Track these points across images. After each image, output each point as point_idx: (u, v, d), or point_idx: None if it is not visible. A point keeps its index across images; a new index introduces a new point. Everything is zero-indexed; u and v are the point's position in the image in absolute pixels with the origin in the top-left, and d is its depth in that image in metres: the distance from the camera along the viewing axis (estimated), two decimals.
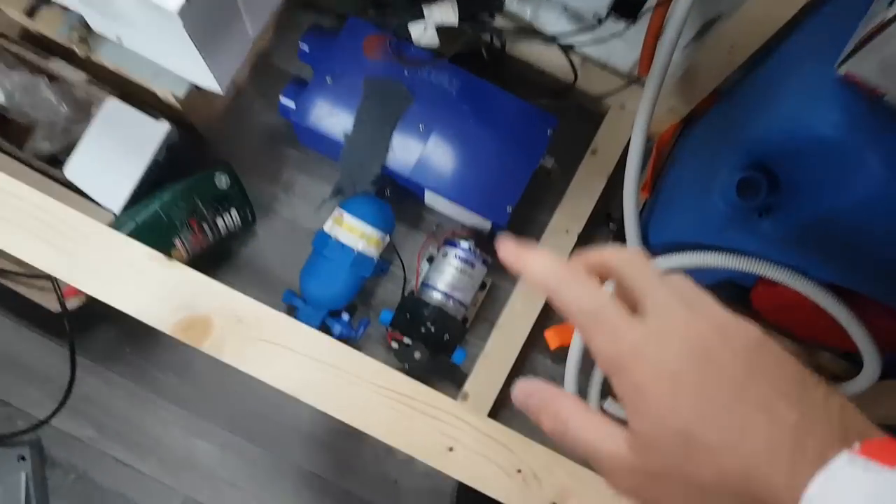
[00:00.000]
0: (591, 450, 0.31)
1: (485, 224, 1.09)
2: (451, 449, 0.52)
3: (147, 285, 0.53)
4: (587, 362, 1.11)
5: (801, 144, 0.77)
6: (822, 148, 0.75)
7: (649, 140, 1.07)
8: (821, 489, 0.26)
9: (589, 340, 0.31)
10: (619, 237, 1.13)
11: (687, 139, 1.10)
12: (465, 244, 1.07)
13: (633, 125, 0.99)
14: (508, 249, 0.36)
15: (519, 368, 1.12)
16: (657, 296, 0.31)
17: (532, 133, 1.06)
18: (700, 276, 1.14)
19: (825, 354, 1.12)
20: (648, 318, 0.30)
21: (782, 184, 0.85)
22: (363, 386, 0.52)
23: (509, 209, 1.05)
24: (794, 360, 0.29)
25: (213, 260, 1.11)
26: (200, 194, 1.04)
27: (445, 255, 1.08)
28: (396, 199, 1.09)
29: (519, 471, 0.52)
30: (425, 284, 1.08)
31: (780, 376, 0.28)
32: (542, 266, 0.35)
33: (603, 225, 1.16)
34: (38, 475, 1.04)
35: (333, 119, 1.04)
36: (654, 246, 1.08)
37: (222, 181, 1.06)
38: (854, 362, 1.11)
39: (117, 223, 0.99)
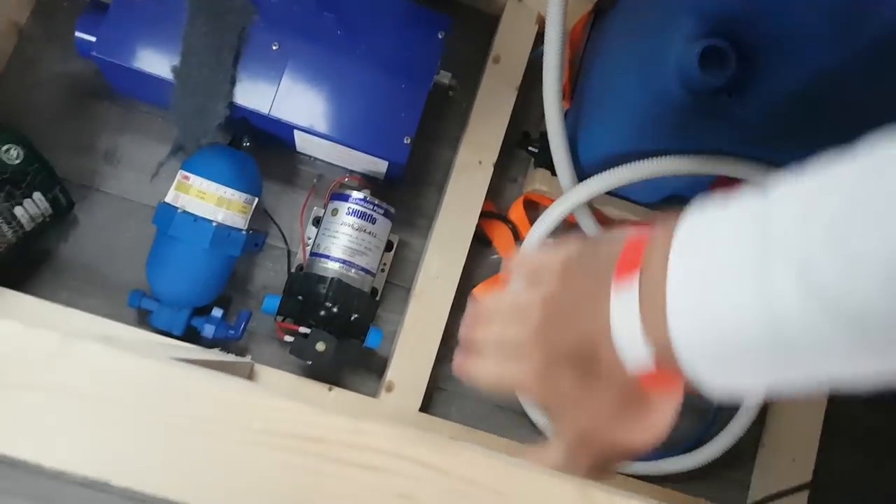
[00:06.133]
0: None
1: (379, 166, 0.85)
2: None
3: None
4: None
5: None
6: None
7: None
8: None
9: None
10: (543, 160, 0.93)
11: (607, 27, 0.91)
12: (357, 195, 0.84)
13: (547, 12, 0.78)
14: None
15: (448, 341, 0.90)
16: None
17: (420, 41, 0.83)
18: (641, 193, 0.96)
19: None
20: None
21: (757, 49, 0.66)
22: (227, 439, 0.29)
23: (408, 141, 0.82)
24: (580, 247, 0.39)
25: (25, 266, 0.82)
26: None
27: (335, 212, 0.84)
28: (259, 148, 0.83)
29: None
30: (316, 254, 0.84)
31: (586, 266, 0.38)
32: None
33: (520, 149, 0.95)
34: None
35: (152, 49, 0.76)
36: (586, 165, 0.88)
37: (12, 154, 0.77)
38: None
39: None
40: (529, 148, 0.93)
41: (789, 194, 0.29)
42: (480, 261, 0.95)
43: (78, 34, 0.77)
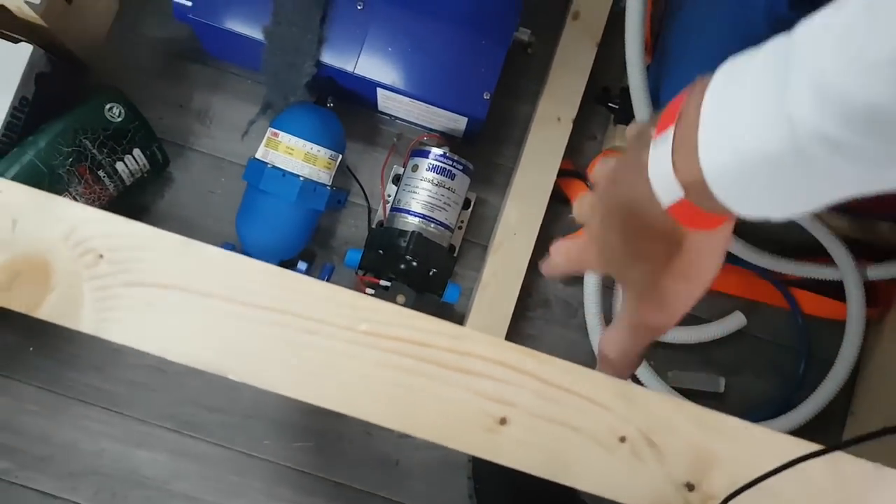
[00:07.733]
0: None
1: (458, 123, 0.86)
2: (502, 421, 0.31)
3: None
4: (608, 279, 0.91)
5: None
6: None
7: None
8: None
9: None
10: (623, 116, 0.92)
11: None
12: (437, 151, 0.85)
13: None
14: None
15: (525, 299, 0.91)
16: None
17: None
18: None
19: (883, 225, 0.94)
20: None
21: None
22: (335, 338, 0.30)
23: (487, 96, 0.82)
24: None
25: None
26: (88, 132, 0.80)
27: (415, 168, 0.86)
28: (342, 109, 0.85)
29: (622, 439, 0.31)
30: (396, 209, 0.86)
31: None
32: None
33: (600, 105, 0.94)
34: None
35: (244, 11, 0.79)
36: None
37: (115, 113, 0.81)
38: None
39: None
40: (609, 104, 0.92)
41: (809, 19, 0.29)
42: (559, 220, 0.95)
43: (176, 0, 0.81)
